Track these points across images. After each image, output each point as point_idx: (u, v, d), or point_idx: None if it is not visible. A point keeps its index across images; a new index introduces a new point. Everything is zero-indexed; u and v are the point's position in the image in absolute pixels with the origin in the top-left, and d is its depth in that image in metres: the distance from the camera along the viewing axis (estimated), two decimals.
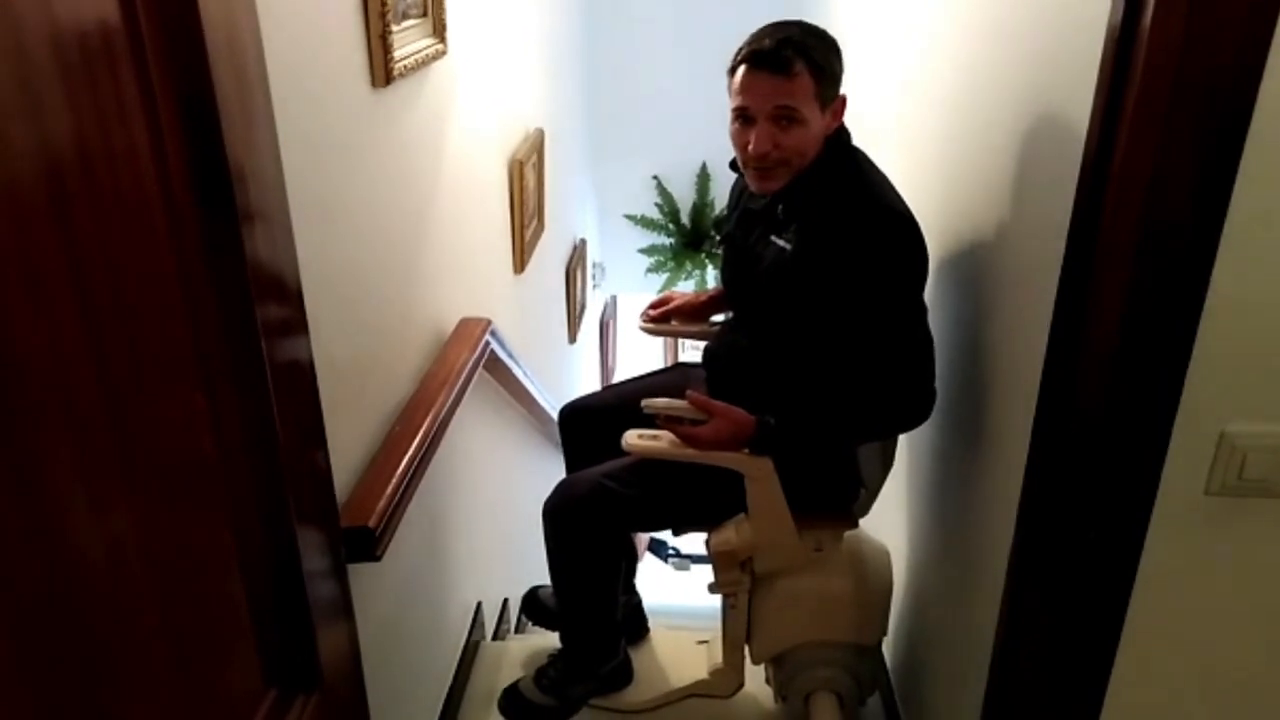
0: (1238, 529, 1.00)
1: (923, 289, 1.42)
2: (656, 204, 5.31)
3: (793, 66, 1.35)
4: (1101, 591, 1.04)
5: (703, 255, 5.24)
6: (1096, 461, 0.98)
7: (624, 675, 1.86)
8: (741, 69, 1.40)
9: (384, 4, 1.38)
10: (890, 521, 1.98)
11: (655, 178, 5.25)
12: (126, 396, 0.59)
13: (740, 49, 1.42)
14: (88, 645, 0.56)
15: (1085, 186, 0.97)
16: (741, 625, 1.74)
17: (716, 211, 5.13)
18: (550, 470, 1.74)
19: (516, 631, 2.65)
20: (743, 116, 1.42)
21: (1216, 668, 1.08)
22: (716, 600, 1.82)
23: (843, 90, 1.45)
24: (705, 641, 1.95)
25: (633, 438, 1.51)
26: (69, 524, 0.54)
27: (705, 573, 1.73)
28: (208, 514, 0.71)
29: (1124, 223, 0.90)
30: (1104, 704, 1.10)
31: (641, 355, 6.20)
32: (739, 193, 1.69)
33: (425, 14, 1.66)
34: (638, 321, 2.06)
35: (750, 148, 1.41)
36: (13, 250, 0.48)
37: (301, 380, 0.85)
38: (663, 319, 1.97)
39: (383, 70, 1.41)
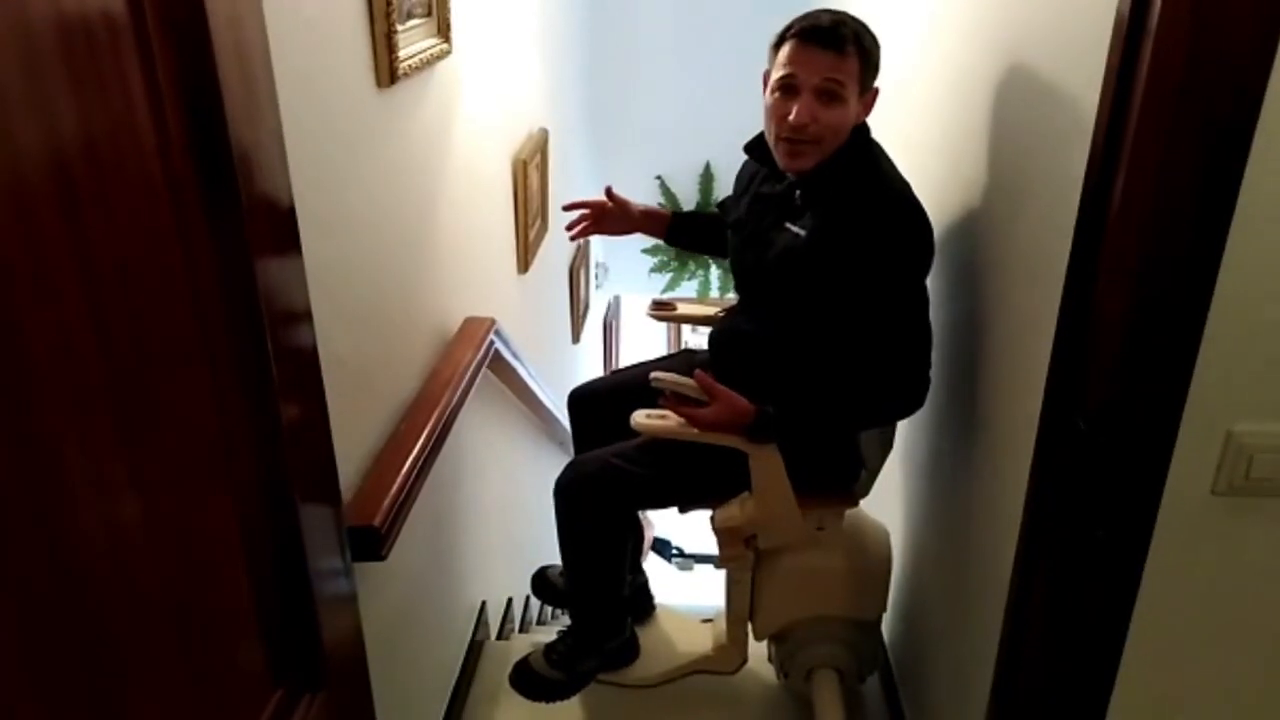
0: (1245, 529, 1.00)
1: (925, 278, 1.44)
2: (660, 204, 5.31)
3: (846, 45, 1.39)
4: (1108, 590, 1.04)
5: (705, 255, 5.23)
6: (1103, 460, 0.98)
7: (630, 651, 1.90)
8: (792, 42, 1.41)
9: (389, 4, 1.37)
10: (890, 505, 1.99)
11: (659, 178, 5.25)
12: (131, 381, 0.59)
13: (791, 24, 1.43)
14: (93, 634, 0.56)
15: (1092, 182, 0.96)
16: (745, 601, 1.77)
17: None
18: (554, 469, 1.74)
19: (521, 630, 2.65)
20: (786, 87, 1.42)
21: (1223, 666, 1.08)
22: (719, 600, 1.83)
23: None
24: (709, 620, 1.99)
25: (641, 417, 1.55)
26: (75, 511, 0.54)
27: (709, 573, 1.73)
28: (212, 504, 0.71)
29: (1131, 219, 0.90)
30: (1110, 702, 1.10)
31: (645, 356, 6.19)
32: (749, 177, 1.69)
33: (430, 13, 1.66)
34: (646, 309, 2.13)
35: (791, 117, 1.41)
36: (18, 238, 0.49)
37: (305, 367, 0.85)
38: (667, 306, 2.04)
39: (387, 70, 1.41)
